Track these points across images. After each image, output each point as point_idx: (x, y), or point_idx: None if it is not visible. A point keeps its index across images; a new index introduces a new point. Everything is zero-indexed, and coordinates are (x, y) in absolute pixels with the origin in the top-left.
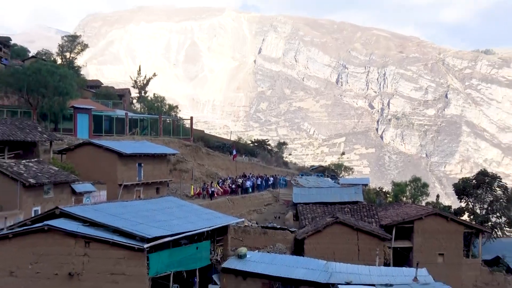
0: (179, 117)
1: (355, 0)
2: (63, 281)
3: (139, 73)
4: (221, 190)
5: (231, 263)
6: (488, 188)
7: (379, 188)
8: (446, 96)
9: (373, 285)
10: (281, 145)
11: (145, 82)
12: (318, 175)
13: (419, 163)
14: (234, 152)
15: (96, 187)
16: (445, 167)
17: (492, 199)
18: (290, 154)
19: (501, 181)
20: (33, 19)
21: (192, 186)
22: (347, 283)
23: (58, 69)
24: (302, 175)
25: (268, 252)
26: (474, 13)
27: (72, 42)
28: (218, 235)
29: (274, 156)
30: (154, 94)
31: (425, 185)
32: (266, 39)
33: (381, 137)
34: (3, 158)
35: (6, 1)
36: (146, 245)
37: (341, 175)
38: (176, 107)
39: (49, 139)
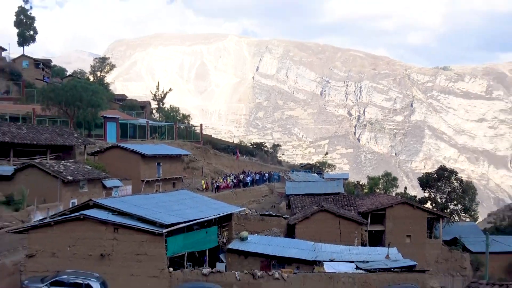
0: (191, 124)
1: (335, 26)
2: (96, 260)
3: (157, 88)
4: (224, 184)
5: (234, 245)
6: (446, 181)
7: (356, 181)
8: (411, 105)
9: (352, 261)
10: (276, 146)
11: (162, 95)
12: (305, 171)
13: (389, 161)
14: (238, 154)
15: (122, 183)
16: (411, 164)
17: (450, 190)
18: (283, 154)
19: (457, 175)
20: (70, 45)
21: (203, 181)
22: (331, 260)
23: (90, 85)
24: (293, 171)
25: (265, 235)
26: (434, 36)
27: (102, 63)
28: (224, 221)
29: (270, 156)
30: (170, 105)
31: (395, 179)
32: (262, 59)
33: (358, 140)
34: (46, 159)
35: (48, 29)
36: (164, 230)
37: (325, 171)
38: (189, 116)
39: (84, 143)
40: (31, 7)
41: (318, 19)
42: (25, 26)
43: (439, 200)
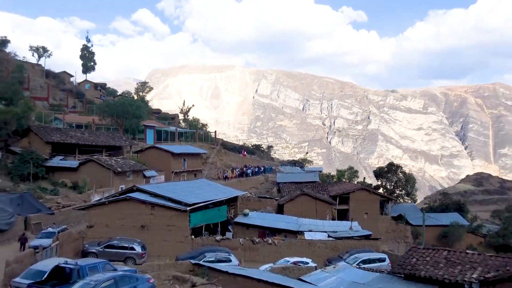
0: (208, 131)
1: (314, 60)
2: (138, 230)
3: (183, 105)
4: (232, 175)
5: (239, 219)
6: (394, 173)
7: (328, 173)
8: (368, 117)
9: (325, 232)
10: (269, 147)
11: (187, 110)
12: (291, 166)
13: (352, 158)
14: (244, 152)
15: (158, 173)
16: (368, 160)
17: (396, 179)
18: (274, 153)
19: (402, 169)
20: (120, 72)
21: (216, 172)
22: (310, 231)
23: (134, 102)
24: (282, 165)
25: (262, 212)
26: (385, 67)
27: (143, 86)
28: (231, 202)
29: (265, 154)
30: (192, 117)
31: (356, 172)
32: (260, 84)
33: (330, 143)
34: (102, 156)
35: (104, 61)
36: (188, 208)
37: (305, 165)
38: (206, 125)
39: (129, 144)
40: (91, 45)
41: (301, 54)
42: (87, 59)
43: (388, 187)
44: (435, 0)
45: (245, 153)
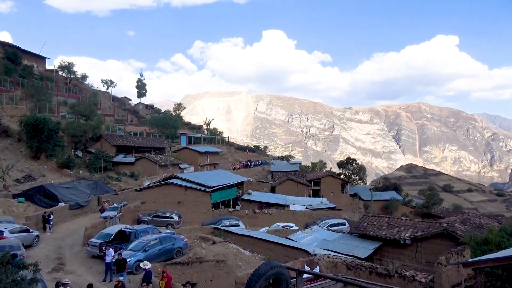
0: (223, 137)
1: (295, 87)
2: (176, 205)
3: (206, 119)
4: (239, 166)
5: (245, 196)
6: (351, 164)
7: (306, 165)
8: (333, 126)
9: (304, 205)
10: (265, 148)
11: (208, 122)
12: (280, 160)
13: (322, 154)
14: (248, 151)
15: (189, 166)
16: (333, 156)
17: (352, 169)
18: (269, 151)
19: (356, 162)
20: (163, 97)
21: (230, 165)
22: (293, 204)
23: (173, 117)
24: (274, 160)
25: (260, 192)
26: (344, 91)
27: (179, 106)
28: (239, 185)
29: (262, 152)
30: (212, 127)
31: (325, 164)
32: (258, 104)
33: (306, 144)
34: (151, 154)
35: (153, 89)
36: (210, 189)
37: (290, 159)
38: (221, 132)
39: (169, 146)
40: (143, 79)
41: (286, 83)
42: (140, 88)
43: (347, 174)
44: (377, 46)
45: (248, 151)
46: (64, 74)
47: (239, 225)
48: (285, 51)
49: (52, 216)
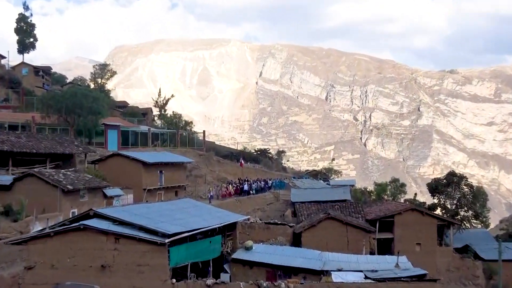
0: (194, 131)
1: (339, 30)
2: (97, 272)
3: (159, 95)
4: (226, 192)
5: (239, 254)
6: (456, 186)
7: (363, 188)
8: (418, 109)
9: (361, 271)
10: (280, 153)
11: (164, 102)
12: (310, 178)
13: (397, 166)
14: (242, 161)
15: (124, 192)
16: (419, 169)
17: (460, 195)
18: (288, 161)
19: (467, 181)
20: (70, 51)
21: (211, 188)
22: (339, 270)
23: (91, 92)
24: (297, 178)
25: (270, 244)
26: (440, 39)
27: (103, 70)
28: (228, 230)
29: (275, 163)
30: (172, 112)
31: (403, 185)
32: (266, 64)
33: (365, 145)
34: (46, 168)
35: (48, 36)
36: (167, 240)
37: (331, 177)
38: (191, 122)
39: (84, 152)
40: (31, 14)
41: (321, 23)
42: (25, 33)
43: (449, 206)
44: None
45: (245, 161)
46: None
47: None
48: None
49: None
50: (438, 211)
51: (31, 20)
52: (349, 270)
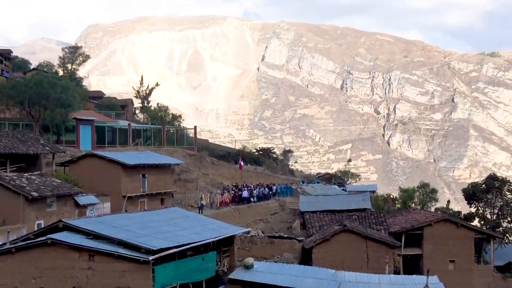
0: (183, 127)
1: (357, 5)
2: None
3: (141, 83)
4: (223, 200)
5: (238, 274)
6: (498, 193)
7: (387, 194)
8: (452, 100)
9: None
10: (287, 153)
11: (147, 92)
12: (317, 182)
13: (427, 169)
14: (241, 163)
15: (99, 199)
16: (453, 172)
17: (502, 203)
18: (296, 162)
19: (511, 186)
20: (34, 31)
21: (203, 196)
22: None
23: (59, 80)
24: (303, 182)
25: (275, 262)
26: (479, 16)
27: (74, 54)
28: (224, 245)
29: (280, 164)
30: (157, 104)
31: (434, 191)
32: (269, 46)
33: (388, 143)
34: (5, 172)
35: (8, 13)
36: (151, 257)
37: (348, 182)
38: (180, 116)
39: (52, 152)
40: None
41: None
42: None
43: (489, 216)
44: None
45: (244, 163)
46: None
47: None
48: None
49: None
50: (476, 222)
51: None
52: None
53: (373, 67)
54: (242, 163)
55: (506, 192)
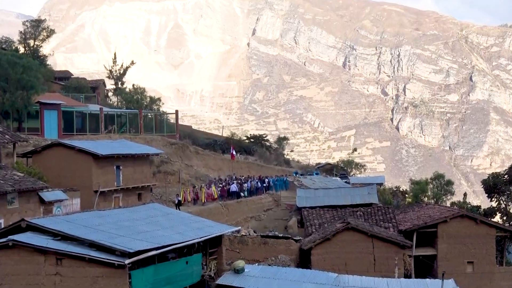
0: (163, 111)
1: None
2: None
3: (114, 62)
4: (209, 195)
5: (226, 279)
6: None
7: (396, 187)
8: (470, 78)
9: None
10: (282, 140)
11: (122, 71)
12: (316, 173)
13: (441, 157)
14: (233, 152)
15: (68, 195)
16: (472, 161)
17: None
18: (292, 151)
19: None
20: None
21: (182, 190)
22: None
23: (20, 59)
24: (306, 175)
25: (269, 265)
26: None
27: (36, 28)
28: (211, 247)
29: (274, 154)
30: (133, 85)
31: (450, 183)
32: (260, 19)
33: (397, 128)
34: None
35: None
36: (127, 261)
37: (351, 173)
38: (159, 99)
39: (12, 141)
40: None
41: None
42: None
43: None
44: None
45: (236, 152)
46: None
47: None
48: None
49: None
50: (497, 218)
51: None
52: None
53: (379, 41)
54: (234, 152)
55: None
